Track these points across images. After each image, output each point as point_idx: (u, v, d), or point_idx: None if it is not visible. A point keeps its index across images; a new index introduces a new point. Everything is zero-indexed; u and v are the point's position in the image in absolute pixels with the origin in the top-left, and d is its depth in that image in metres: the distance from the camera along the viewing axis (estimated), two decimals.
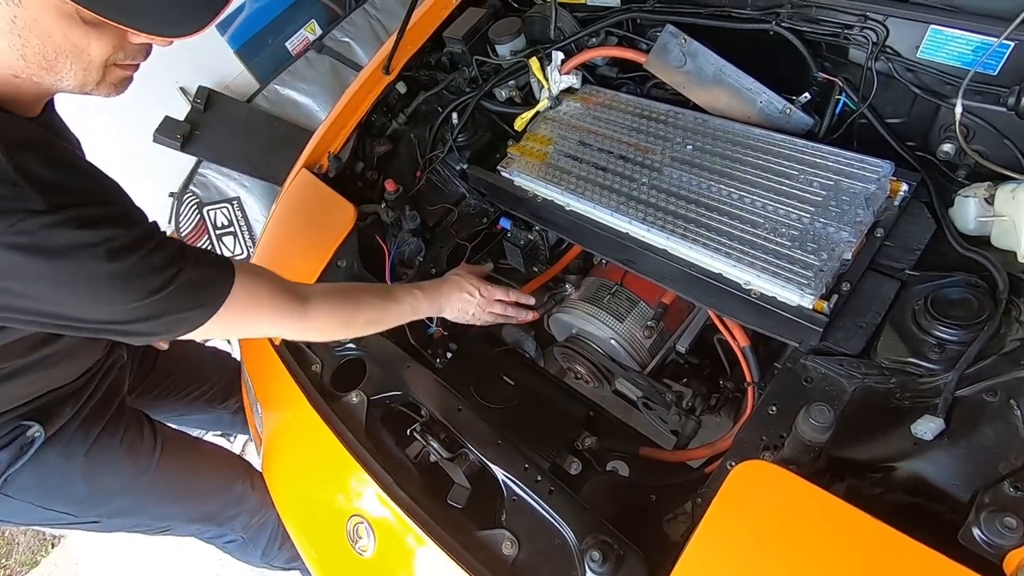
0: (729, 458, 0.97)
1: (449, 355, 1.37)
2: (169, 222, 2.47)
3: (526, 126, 1.44)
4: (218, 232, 2.43)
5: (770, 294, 0.99)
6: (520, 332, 1.44)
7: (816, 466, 0.80)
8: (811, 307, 0.95)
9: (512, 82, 1.49)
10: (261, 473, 1.34)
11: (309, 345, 1.24)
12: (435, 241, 1.48)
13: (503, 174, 1.37)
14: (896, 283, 0.98)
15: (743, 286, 1.02)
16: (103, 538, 2.34)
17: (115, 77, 0.76)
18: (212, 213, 2.44)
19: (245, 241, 2.47)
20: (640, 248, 1.14)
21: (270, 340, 1.24)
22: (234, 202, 2.47)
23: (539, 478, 0.93)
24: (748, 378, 1.11)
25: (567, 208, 1.26)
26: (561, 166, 1.30)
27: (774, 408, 0.99)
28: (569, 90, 1.42)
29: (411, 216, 1.40)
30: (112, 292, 0.70)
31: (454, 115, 1.49)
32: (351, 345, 1.21)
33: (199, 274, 0.78)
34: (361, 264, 1.29)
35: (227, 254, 2.47)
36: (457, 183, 1.55)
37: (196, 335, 0.82)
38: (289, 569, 1.62)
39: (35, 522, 1.12)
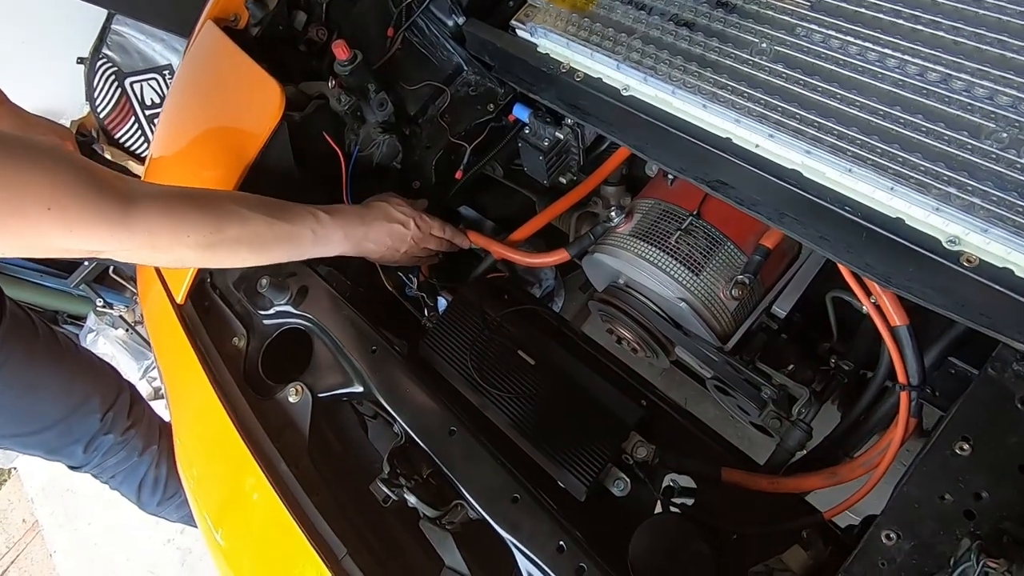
0: (886, 525, 0.61)
1: (441, 308, 0.97)
2: (87, 99, 1.94)
3: None
4: (148, 112, 1.90)
5: (1001, 264, 0.56)
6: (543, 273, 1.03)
7: None
8: None
9: None
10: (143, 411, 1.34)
11: (231, 305, 0.83)
12: (417, 140, 1.00)
13: (520, 33, 0.87)
14: None
15: (944, 245, 0.59)
16: (58, 477, 2.12)
17: None
18: (138, 87, 1.89)
19: None
20: (748, 165, 0.69)
21: (170, 297, 0.83)
22: (165, 71, 1.90)
23: (583, 566, 0.56)
24: (902, 377, 0.71)
25: (624, 92, 0.78)
26: (617, 20, 0.80)
27: (966, 446, 0.61)
28: None
29: (379, 101, 0.92)
30: None
31: None
32: (290, 309, 0.80)
33: None
34: (302, 175, 0.84)
35: None
36: (450, 48, 1.04)
37: None
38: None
39: None
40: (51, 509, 2.08)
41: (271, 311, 0.81)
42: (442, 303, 1.00)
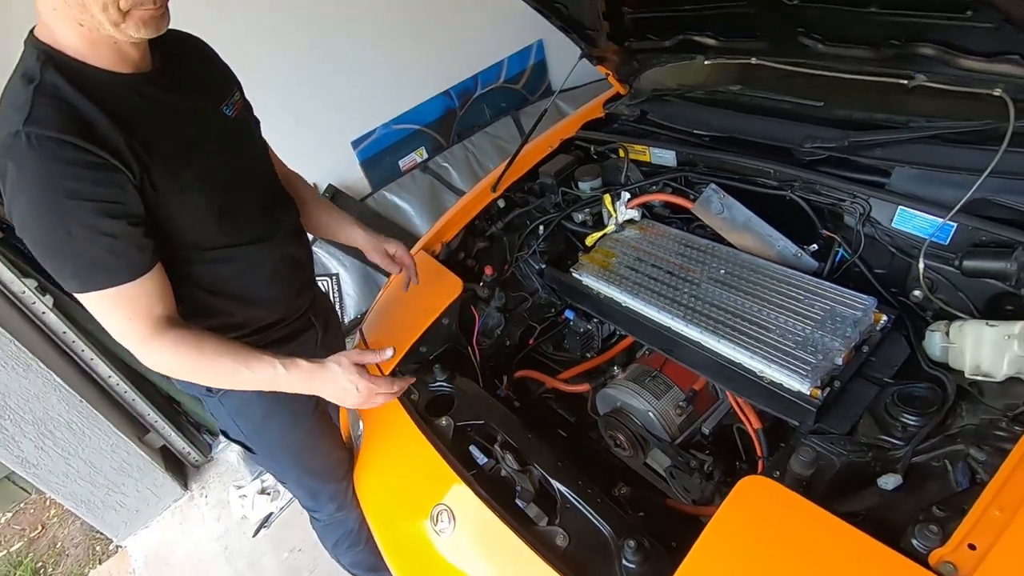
0: None
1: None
2: None
3: (595, 243, 1.86)
4: None
5: (778, 380, 1.30)
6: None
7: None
8: (808, 392, 1.25)
9: (588, 210, 1.95)
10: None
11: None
12: (512, 320, 1.85)
13: (574, 275, 1.77)
14: (876, 388, 1.28)
15: (757, 374, 1.34)
16: (157, 550, 2.52)
17: (138, 17, 0.86)
18: None
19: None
20: (680, 339, 1.48)
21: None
22: (334, 277, 2.94)
23: (590, 490, 1.20)
24: (759, 452, 1.38)
25: (623, 305, 1.63)
26: (621, 273, 1.70)
27: (777, 473, 1.25)
28: (631, 221, 1.86)
29: (499, 296, 1.79)
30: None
31: (540, 227, 1.94)
32: (443, 384, 1.55)
33: (96, 253, 0.92)
34: (459, 325, 1.67)
35: None
36: (535, 279, 1.96)
37: (89, 304, 0.97)
38: (352, 572, 1.85)
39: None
40: None
41: (434, 383, 1.55)
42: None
